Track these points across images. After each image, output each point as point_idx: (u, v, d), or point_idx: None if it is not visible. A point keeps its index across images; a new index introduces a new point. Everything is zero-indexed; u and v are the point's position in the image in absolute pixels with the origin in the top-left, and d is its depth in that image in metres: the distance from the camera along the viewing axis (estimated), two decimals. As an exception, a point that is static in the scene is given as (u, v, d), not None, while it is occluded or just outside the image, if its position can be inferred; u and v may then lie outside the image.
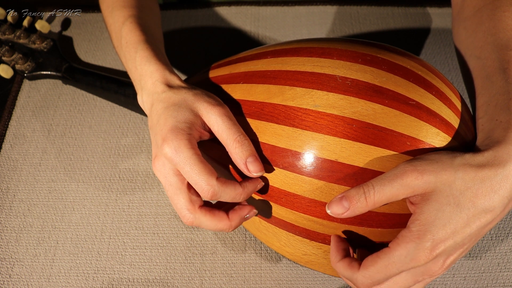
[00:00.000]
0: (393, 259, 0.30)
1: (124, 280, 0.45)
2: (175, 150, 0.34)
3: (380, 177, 0.31)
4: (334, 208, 0.32)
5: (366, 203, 0.31)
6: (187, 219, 0.35)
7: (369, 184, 0.31)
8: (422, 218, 0.30)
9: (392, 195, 0.31)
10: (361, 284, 0.32)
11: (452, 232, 0.30)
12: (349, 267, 0.32)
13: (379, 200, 0.31)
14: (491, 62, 0.38)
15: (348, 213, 0.31)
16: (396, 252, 0.30)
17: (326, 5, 0.65)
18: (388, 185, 0.30)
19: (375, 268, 0.31)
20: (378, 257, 0.31)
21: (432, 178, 0.30)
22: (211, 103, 0.36)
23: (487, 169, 0.30)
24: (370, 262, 0.31)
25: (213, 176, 0.33)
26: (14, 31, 0.60)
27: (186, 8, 0.66)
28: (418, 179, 0.30)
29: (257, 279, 0.45)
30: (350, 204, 0.31)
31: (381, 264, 0.30)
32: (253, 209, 0.36)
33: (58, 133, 0.55)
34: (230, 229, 0.36)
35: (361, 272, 0.31)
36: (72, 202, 0.50)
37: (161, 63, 0.40)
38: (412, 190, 0.30)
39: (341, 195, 0.32)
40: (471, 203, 0.30)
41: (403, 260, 0.30)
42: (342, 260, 0.33)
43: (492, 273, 0.45)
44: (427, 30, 0.63)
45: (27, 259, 0.47)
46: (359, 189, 0.31)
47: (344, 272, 0.33)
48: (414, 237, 0.30)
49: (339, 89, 0.34)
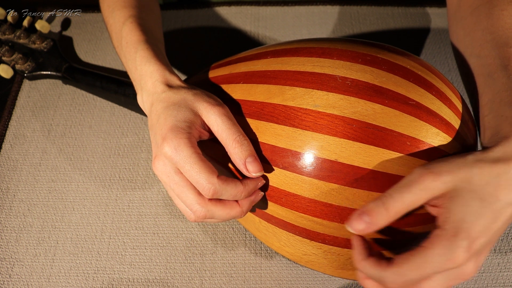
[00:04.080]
0: (429, 258, 0.28)
1: (124, 280, 0.45)
2: (175, 149, 0.34)
3: (397, 186, 0.30)
4: (355, 225, 0.30)
5: (387, 214, 0.29)
6: (199, 214, 0.34)
7: (387, 195, 0.30)
8: (452, 215, 0.29)
9: (412, 202, 0.30)
10: (392, 282, 0.29)
11: (483, 228, 0.29)
12: (378, 264, 0.30)
13: (400, 209, 0.30)
14: (491, 60, 0.38)
15: (370, 228, 0.30)
16: (431, 251, 0.28)
17: (326, 5, 0.65)
18: (407, 191, 0.29)
19: (408, 266, 0.29)
20: (412, 255, 0.29)
21: (449, 178, 0.29)
22: (211, 103, 0.36)
23: (500, 164, 0.30)
24: (402, 260, 0.29)
25: (214, 174, 0.33)
26: (14, 31, 0.60)
27: (186, 8, 0.66)
28: (435, 180, 0.29)
29: (257, 279, 0.45)
30: (371, 218, 0.30)
31: (415, 262, 0.29)
32: (260, 192, 0.36)
33: (58, 133, 0.55)
34: (242, 215, 0.36)
35: (392, 269, 0.29)
36: (72, 202, 0.50)
37: (161, 63, 0.40)
38: (432, 193, 0.29)
39: (360, 211, 0.30)
40: (494, 197, 0.29)
41: (439, 260, 0.28)
42: (369, 258, 0.31)
43: (492, 273, 0.45)
44: (427, 30, 0.63)
45: (27, 259, 0.47)
46: (377, 201, 0.30)
47: (371, 270, 0.30)
48: (450, 235, 0.28)
49: (339, 89, 0.34)
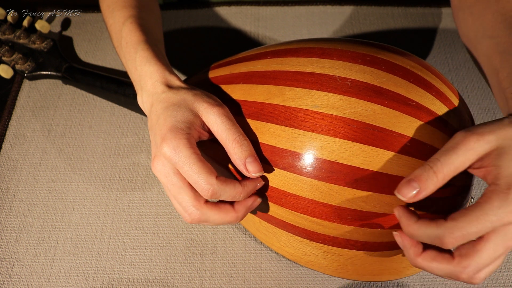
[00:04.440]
0: (488, 211, 0.29)
1: (124, 280, 0.45)
2: (174, 149, 0.34)
3: (442, 150, 0.31)
4: (404, 191, 0.30)
5: (436, 178, 0.30)
6: (194, 216, 0.34)
7: (434, 159, 0.30)
8: (503, 171, 0.29)
9: (459, 164, 0.30)
10: (450, 235, 0.29)
11: None
12: (433, 222, 0.30)
13: (448, 172, 0.30)
14: (506, 38, 0.39)
15: (420, 194, 0.30)
16: (489, 205, 0.29)
17: (326, 5, 0.65)
18: (454, 154, 0.30)
19: (466, 219, 0.29)
20: (468, 210, 0.29)
21: (492, 137, 0.30)
22: (210, 103, 0.36)
23: None
24: (459, 215, 0.29)
25: (213, 175, 0.33)
26: (14, 31, 0.60)
27: (186, 8, 0.66)
28: (480, 140, 0.30)
29: (257, 279, 0.45)
30: (420, 183, 0.30)
31: (473, 215, 0.29)
32: (257, 198, 0.36)
33: (58, 133, 0.55)
34: (237, 220, 0.35)
35: (450, 223, 0.29)
36: (72, 202, 0.50)
37: (161, 64, 0.40)
38: (477, 153, 0.30)
39: (408, 178, 0.31)
40: None
41: (498, 212, 0.28)
42: (421, 219, 0.31)
43: (492, 273, 0.45)
44: (427, 30, 0.63)
45: (27, 259, 0.47)
46: (425, 166, 0.30)
47: (426, 230, 0.30)
48: (504, 189, 0.29)
49: (339, 90, 0.34)
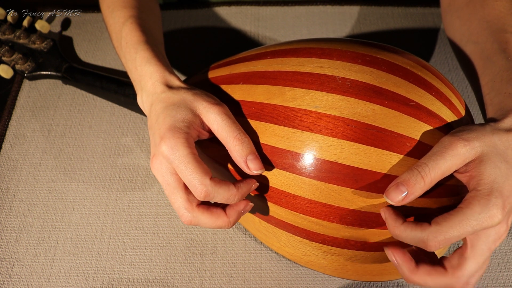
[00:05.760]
0: (468, 216, 0.30)
1: (124, 280, 0.45)
2: (171, 148, 0.34)
3: (430, 154, 0.31)
4: (392, 195, 0.31)
5: (424, 182, 0.31)
6: (185, 218, 0.35)
7: (422, 164, 0.31)
8: (485, 177, 0.31)
9: (446, 168, 0.31)
10: (433, 239, 0.30)
11: None
12: (417, 226, 0.31)
13: (435, 176, 0.31)
14: (489, 45, 0.40)
15: (408, 198, 0.31)
16: (470, 210, 0.30)
17: (326, 5, 0.65)
18: (441, 159, 0.31)
19: (448, 224, 0.30)
20: (451, 215, 0.30)
21: (477, 143, 0.31)
22: (210, 102, 0.36)
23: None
24: (442, 219, 0.30)
25: (207, 176, 0.33)
26: (14, 31, 0.60)
27: (186, 8, 0.66)
28: (466, 146, 0.31)
29: (257, 279, 0.45)
30: (408, 187, 0.31)
31: (455, 220, 0.30)
32: (249, 203, 0.36)
33: (58, 133, 0.55)
34: (228, 226, 0.35)
35: (433, 228, 0.30)
36: (72, 202, 0.50)
37: (161, 64, 0.40)
38: (463, 158, 0.31)
39: (395, 182, 0.31)
40: None
41: (478, 217, 0.29)
42: (406, 222, 0.31)
43: (492, 273, 0.45)
44: (427, 30, 0.63)
45: (27, 259, 0.47)
46: (412, 171, 0.31)
47: (411, 233, 0.31)
48: (484, 195, 0.30)
49: (338, 90, 0.34)
